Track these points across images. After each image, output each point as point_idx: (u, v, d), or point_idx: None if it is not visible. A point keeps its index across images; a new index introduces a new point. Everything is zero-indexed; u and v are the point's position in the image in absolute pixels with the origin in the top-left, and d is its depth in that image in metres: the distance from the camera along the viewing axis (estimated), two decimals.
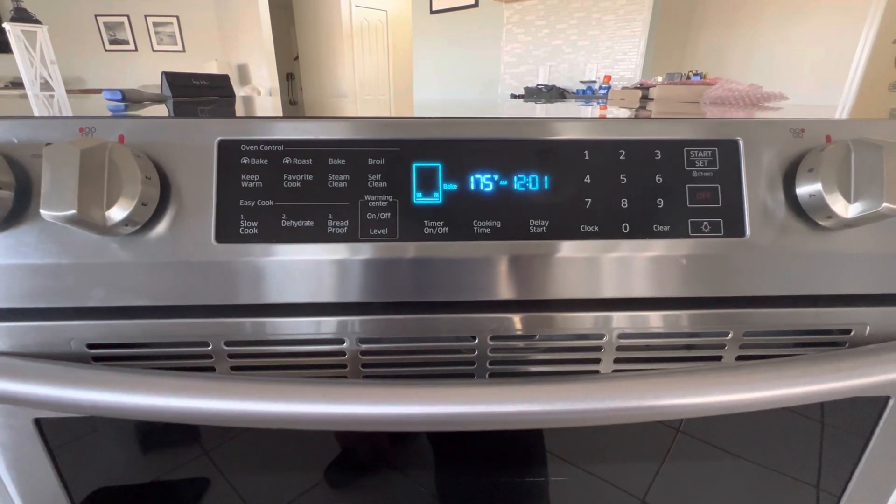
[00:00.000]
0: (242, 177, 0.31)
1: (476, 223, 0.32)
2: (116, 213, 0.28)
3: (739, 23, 3.30)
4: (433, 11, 4.05)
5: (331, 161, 0.32)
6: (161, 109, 0.46)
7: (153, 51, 4.78)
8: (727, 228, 0.33)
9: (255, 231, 0.31)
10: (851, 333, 0.36)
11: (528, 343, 0.36)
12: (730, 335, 0.36)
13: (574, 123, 0.33)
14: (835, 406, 0.39)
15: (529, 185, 0.32)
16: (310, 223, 0.32)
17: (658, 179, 0.33)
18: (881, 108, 0.35)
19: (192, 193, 0.31)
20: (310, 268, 0.32)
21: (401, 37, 5.25)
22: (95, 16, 4.53)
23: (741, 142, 0.33)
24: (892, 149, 0.28)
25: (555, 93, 3.38)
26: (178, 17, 4.71)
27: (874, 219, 0.29)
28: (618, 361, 0.36)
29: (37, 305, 0.32)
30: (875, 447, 0.41)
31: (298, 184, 0.31)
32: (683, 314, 0.35)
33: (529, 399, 0.29)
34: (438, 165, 0.32)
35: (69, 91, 3.30)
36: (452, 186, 0.32)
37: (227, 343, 0.34)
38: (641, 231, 0.33)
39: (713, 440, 0.41)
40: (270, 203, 0.31)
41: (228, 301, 0.33)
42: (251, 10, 4.49)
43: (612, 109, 0.55)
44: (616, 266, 0.33)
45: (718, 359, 0.37)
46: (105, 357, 0.34)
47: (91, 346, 0.34)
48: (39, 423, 0.36)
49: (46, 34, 2.48)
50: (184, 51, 4.84)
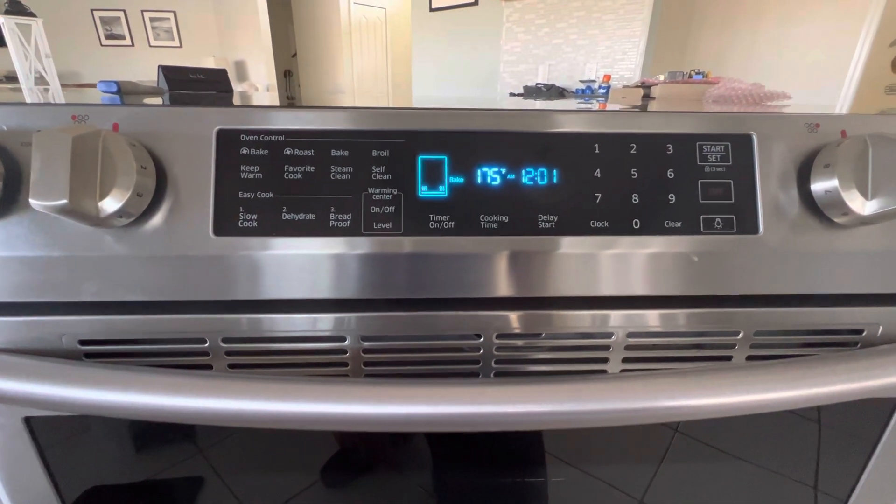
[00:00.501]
0: (242, 168, 0.30)
1: (483, 218, 0.31)
2: (110, 204, 0.26)
3: (738, 24, 3.30)
4: (432, 9, 4.03)
5: (333, 152, 0.31)
6: (157, 102, 0.45)
7: (150, 46, 4.73)
8: (740, 225, 0.32)
9: (255, 224, 0.30)
10: (863, 333, 0.35)
11: (535, 342, 0.35)
12: (740, 334, 0.35)
13: (584, 116, 0.32)
14: (841, 408, 0.38)
15: (538, 179, 0.31)
16: (311, 216, 0.31)
17: (670, 174, 0.32)
18: (877, 111, 0.34)
19: (190, 184, 0.30)
20: (311, 263, 0.31)
21: (399, 34, 5.22)
22: (91, 10, 4.48)
23: (755, 136, 0.32)
24: None
25: (554, 92, 3.37)
26: (176, 13, 4.67)
27: (892, 216, 0.29)
28: (626, 361, 0.35)
29: (27, 300, 0.31)
30: (883, 451, 0.40)
31: (300, 175, 0.30)
32: (693, 313, 0.34)
33: (539, 399, 0.28)
34: (445, 158, 0.31)
35: (64, 85, 3.28)
36: (459, 180, 0.31)
37: (225, 340, 0.33)
38: (652, 227, 0.32)
39: (713, 440, 0.40)
40: (271, 195, 0.30)
41: (226, 296, 0.32)
42: (249, 7, 4.46)
43: (614, 107, 0.54)
44: (625, 263, 0.32)
45: (728, 359, 0.36)
46: (98, 353, 0.33)
47: (83, 343, 0.33)
48: (29, 422, 0.35)
49: (41, 27, 2.46)
50: (181, 46, 4.80)
